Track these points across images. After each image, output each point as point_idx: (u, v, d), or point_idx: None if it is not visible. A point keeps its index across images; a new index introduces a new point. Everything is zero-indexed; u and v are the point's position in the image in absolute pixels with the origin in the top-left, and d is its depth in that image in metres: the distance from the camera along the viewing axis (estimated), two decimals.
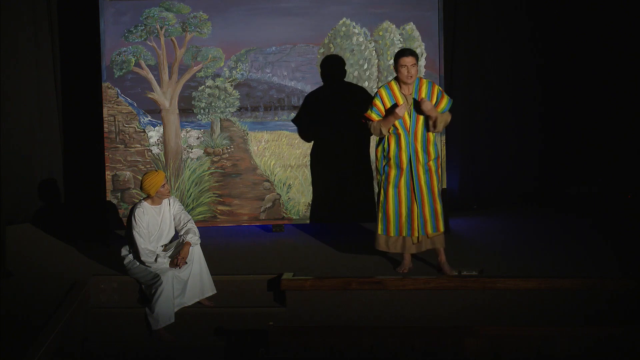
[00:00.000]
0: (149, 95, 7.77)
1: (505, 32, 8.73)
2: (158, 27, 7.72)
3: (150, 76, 7.76)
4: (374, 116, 6.66)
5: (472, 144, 8.80)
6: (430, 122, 6.59)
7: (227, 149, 7.84)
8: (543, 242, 7.59)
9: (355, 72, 7.80)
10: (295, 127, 7.84)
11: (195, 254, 6.62)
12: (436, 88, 6.68)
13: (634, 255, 7.05)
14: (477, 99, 8.75)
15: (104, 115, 7.76)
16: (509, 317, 6.38)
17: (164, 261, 6.53)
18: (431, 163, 6.69)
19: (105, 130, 7.76)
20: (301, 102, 7.82)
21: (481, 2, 8.68)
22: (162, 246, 6.69)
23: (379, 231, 6.79)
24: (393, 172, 6.68)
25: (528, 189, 9.01)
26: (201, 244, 6.66)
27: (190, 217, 6.75)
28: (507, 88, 8.81)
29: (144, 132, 7.79)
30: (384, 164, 6.72)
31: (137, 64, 7.74)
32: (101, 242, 7.77)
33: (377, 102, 6.66)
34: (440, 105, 6.64)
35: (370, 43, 7.80)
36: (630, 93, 8.74)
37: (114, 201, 7.79)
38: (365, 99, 7.41)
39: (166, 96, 7.78)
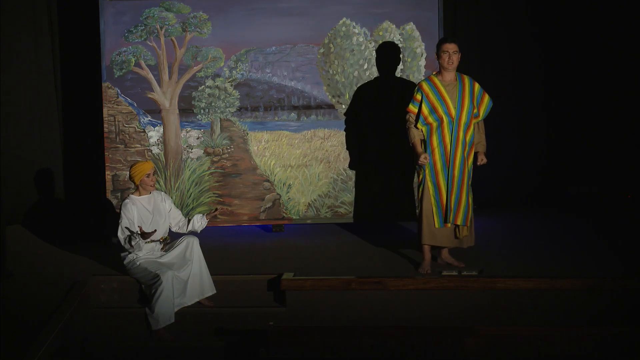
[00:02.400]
0: (149, 95, 7.77)
1: (505, 32, 8.74)
2: (158, 27, 7.72)
3: (150, 76, 7.76)
4: (413, 108, 6.72)
5: None
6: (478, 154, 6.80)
7: (227, 149, 7.84)
8: (543, 242, 7.58)
9: (355, 72, 7.80)
10: (295, 127, 7.84)
11: (195, 254, 6.62)
12: (477, 85, 6.77)
13: (634, 255, 7.05)
14: None
15: (104, 115, 7.76)
16: (509, 317, 6.37)
17: (138, 241, 6.47)
18: (466, 153, 6.73)
19: (105, 130, 7.76)
20: (301, 102, 7.82)
21: (481, 2, 8.68)
22: (160, 243, 6.67)
23: (425, 224, 6.76)
24: (434, 163, 6.70)
25: (528, 189, 9.01)
26: (201, 244, 6.65)
27: (182, 216, 6.80)
28: (508, 88, 8.80)
29: (144, 132, 7.79)
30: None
31: (137, 64, 7.74)
32: (101, 242, 7.77)
33: (418, 95, 6.72)
34: (481, 106, 6.74)
35: (370, 43, 7.80)
36: (631, 93, 8.74)
37: (114, 201, 7.78)
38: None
39: (166, 96, 7.78)
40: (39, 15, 8.38)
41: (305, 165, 7.89)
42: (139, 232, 6.47)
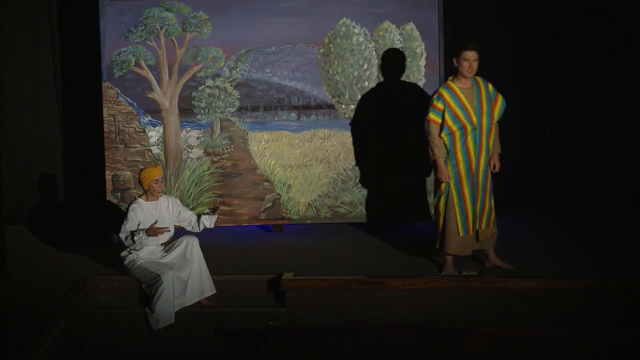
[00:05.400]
0: (149, 95, 7.77)
1: (505, 32, 8.73)
2: (158, 27, 7.72)
3: (150, 76, 7.76)
4: (436, 118, 6.62)
5: None
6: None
7: (227, 149, 7.84)
8: (543, 242, 7.58)
9: (355, 72, 7.80)
10: (295, 127, 7.84)
11: (195, 254, 6.62)
12: (490, 85, 6.76)
13: (634, 255, 7.05)
14: None
15: (104, 115, 7.76)
16: (509, 317, 6.37)
17: (141, 235, 6.46)
18: (488, 158, 6.74)
19: (105, 130, 7.77)
20: (301, 102, 7.82)
21: (481, 2, 8.68)
22: (161, 245, 6.69)
23: (448, 234, 6.71)
24: (458, 172, 6.67)
25: (528, 189, 9.00)
26: (201, 244, 6.66)
27: (195, 214, 6.79)
28: (508, 88, 8.78)
29: (144, 132, 7.79)
30: (448, 163, 6.70)
31: (137, 64, 7.74)
32: (101, 242, 7.77)
33: (439, 104, 6.62)
34: (495, 107, 6.72)
35: (370, 43, 7.79)
36: (631, 93, 8.74)
37: (114, 201, 7.78)
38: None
39: (166, 96, 7.78)
40: (39, 16, 8.38)
41: (305, 165, 7.89)
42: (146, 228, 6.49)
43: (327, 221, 7.97)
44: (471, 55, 6.59)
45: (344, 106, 7.85)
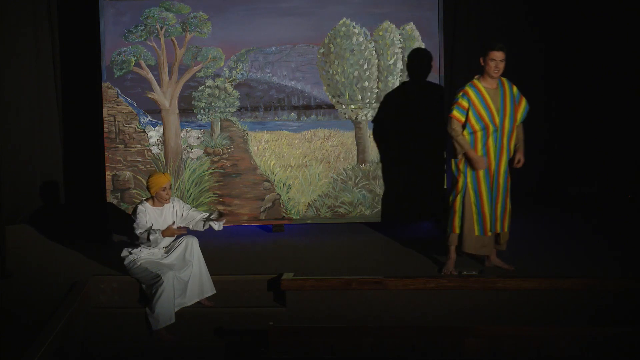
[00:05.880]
0: (149, 95, 7.77)
1: (505, 32, 8.72)
2: (158, 27, 7.72)
3: (150, 76, 7.76)
4: (459, 116, 6.59)
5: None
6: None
7: (227, 149, 7.84)
8: (543, 242, 7.58)
9: (355, 72, 7.80)
10: (295, 127, 7.84)
11: (195, 254, 6.62)
12: (515, 88, 6.71)
13: (634, 255, 7.05)
14: None
15: (104, 115, 7.76)
16: (509, 317, 6.37)
17: (157, 235, 6.45)
18: (508, 160, 6.71)
19: (105, 130, 7.77)
20: (301, 102, 7.82)
21: (481, 2, 8.68)
22: (164, 248, 6.69)
23: (466, 232, 6.69)
24: (477, 171, 6.64)
25: (528, 189, 9.00)
26: (201, 244, 6.66)
27: (201, 212, 6.81)
28: None
29: (144, 132, 7.79)
30: (468, 163, 6.67)
31: (137, 64, 7.74)
32: (101, 242, 7.77)
33: (464, 102, 6.59)
34: (519, 110, 6.69)
35: (370, 43, 7.80)
36: (631, 93, 8.74)
37: (114, 201, 7.78)
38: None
39: (166, 96, 7.78)
40: (39, 16, 8.38)
41: (305, 165, 7.89)
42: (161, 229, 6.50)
43: (327, 221, 7.97)
44: (498, 55, 6.54)
45: (344, 106, 7.85)
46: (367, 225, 8.08)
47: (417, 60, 7.80)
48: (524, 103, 6.76)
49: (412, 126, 7.83)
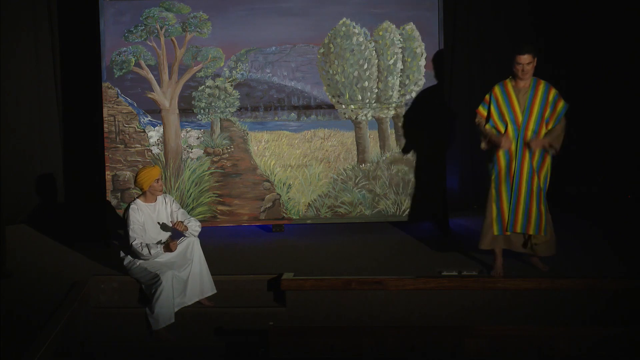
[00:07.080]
0: (149, 95, 7.77)
1: (505, 32, 8.73)
2: (158, 27, 7.72)
3: (150, 76, 7.76)
4: (482, 110, 6.71)
5: (472, 144, 8.79)
6: (549, 149, 6.62)
7: (227, 149, 7.84)
8: None
9: (355, 72, 7.80)
10: (295, 127, 7.84)
11: (195, 253, 6.62)
12: (552, 92, 6.65)
13: (634, 255, 7.05)
14: (477, 99, 8.70)
15: (104, 115, 7.76)
16: (509, 317, 6.37)
17: (158, 250, 6.49)
18: (535, 162, 6.63)
19: (105, 130, 7.77)
20: (301, 102, 7.82)
21: (481, 2, 8.68)
22: (162, 243, 6.67)
23: (485, 230, 6.69)
24: (499, 170, 6.63)
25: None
26: (201, 244, 6.65)
27: (188, 215, 6.76)
28: None
29: (144, 132, 7.79)
30: (492, 163, 6.68)
31: (137, 64, 7.74)
32: (101, 242, 7.76)
33: (487, 97, 6.71)
34: (555, 111, 6.63)
35: (370, 43, 7.80)
36: (631, 93, 8.73)
37: (114, 201, 7.78)
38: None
39: (166, 96, 7.78)
40: (39, 15, 8.38)
41: (305, 165, 7.89)
42: (163, 242, 6.51)
43: (327, 221, 7.97)
44: (523, 59, 6.56)
45: (344, 106, 7.85)
46: (367, 225, 8.08)
47: (417, 60, 7.80)
48: (561, 105, 6.63)
49: (412, 126, 7.83)
